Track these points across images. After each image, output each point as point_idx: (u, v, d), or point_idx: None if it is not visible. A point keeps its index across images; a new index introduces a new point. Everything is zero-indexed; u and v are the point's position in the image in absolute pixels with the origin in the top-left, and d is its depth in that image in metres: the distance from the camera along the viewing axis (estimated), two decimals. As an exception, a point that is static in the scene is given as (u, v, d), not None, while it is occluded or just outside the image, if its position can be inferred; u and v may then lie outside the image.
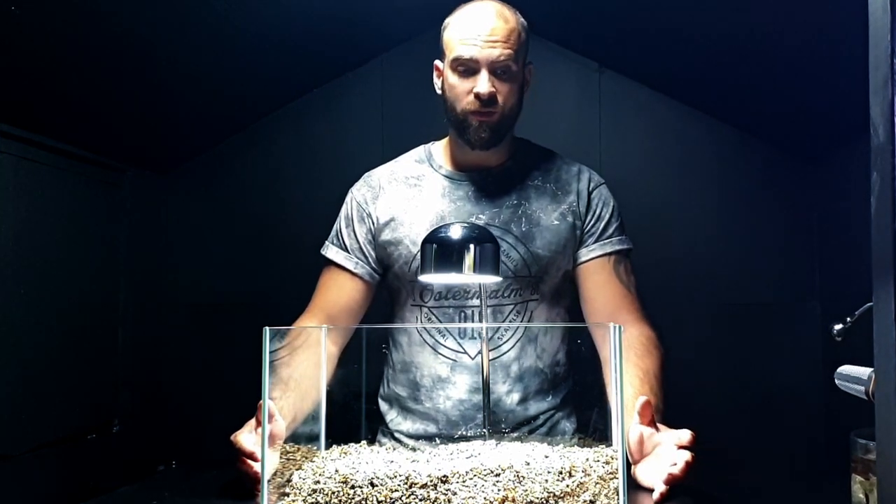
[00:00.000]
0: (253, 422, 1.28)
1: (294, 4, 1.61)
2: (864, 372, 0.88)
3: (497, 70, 1.46)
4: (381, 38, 1.98)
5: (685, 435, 1.21)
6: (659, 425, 1.27)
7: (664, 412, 1.38)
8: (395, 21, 1.87)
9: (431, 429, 1.54)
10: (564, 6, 1.83)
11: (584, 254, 1.55)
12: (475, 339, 1.52)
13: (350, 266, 1.59)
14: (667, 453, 1.21)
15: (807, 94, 1.63)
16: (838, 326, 1.06)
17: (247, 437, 1.25)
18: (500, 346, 1.53)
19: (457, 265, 1.23)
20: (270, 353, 1.15)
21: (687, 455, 1.18)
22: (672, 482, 1.16)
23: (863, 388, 0.88)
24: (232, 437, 1.27)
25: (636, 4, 1.65)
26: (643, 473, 1.24)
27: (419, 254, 1.52)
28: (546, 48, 1.97)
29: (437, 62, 1.55)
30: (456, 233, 1.25)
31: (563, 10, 1.84)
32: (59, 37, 1.33)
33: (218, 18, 1.52)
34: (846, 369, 0.93)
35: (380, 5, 1.76)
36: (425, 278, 1.32)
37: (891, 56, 0.64)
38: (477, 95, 1.45)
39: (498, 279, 1.37)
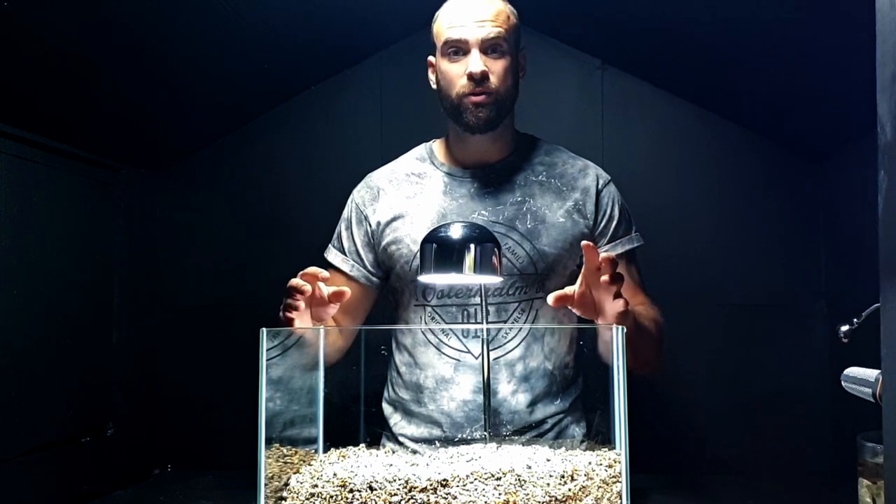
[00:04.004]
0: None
1: (291, 1, 1.60)
2: (871, 374, 0.88)
3: (488, 49, 1.46)
4: (379, 34, 1.96)
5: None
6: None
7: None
8: (393, 18, 1.86)
9: (436, 432, 1.52)
10: (567, 3, 1.81)
11: None
12: (479, 337, 1.51)
13: (346, 269, 1.60)
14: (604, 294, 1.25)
15: (813, 91, 1.61)
16: (845, 328, 1.05)
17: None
18: (504, 344, 1.51)
19: (457, 265, 1.22)
20: (268, 354, 1.14)
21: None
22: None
23: (870, 391, 0.87)
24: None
25: (639, 1, 1.63)
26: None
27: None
28: (548, 45, 1.96)
29: (430, 57, 1.55)
30: (456, 232, 1.24)
31: (566, 7, 1.83)
32: (52, 34, 1.32)
33: (214, 16, 1.51)
34: (853, 371, 0.92)
35: (378, 2, 1.75)
36: (425, 279, 1.31)
37: (899, 52, 0.63)
38: (470, 75, 1.45)
39: (499, 280, 1.36)
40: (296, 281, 1.31)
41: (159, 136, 1.89)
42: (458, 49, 1.46)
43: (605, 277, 1.21)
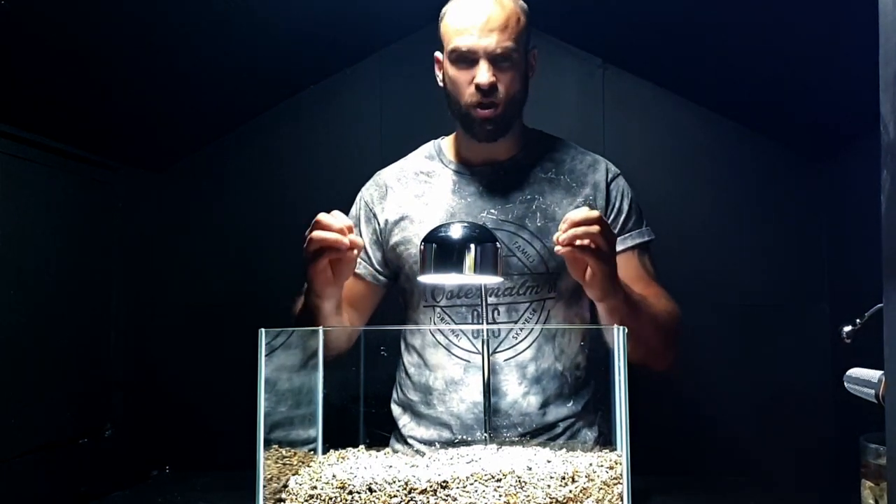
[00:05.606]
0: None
1: (291, 1, 1.59)
2: (873, 375, 0.87)
3: (497, 59, 1.42)
4: (378, 33, 1.96)
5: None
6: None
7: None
8: (392, 16, 1.86)
9: (445, 434, 1.50)
10: (568, 2, 1.81)
11: None
12: (488, 337, 1.50)
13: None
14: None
15: (815, 90, 1.61)
16: (847, 328, 1.04)
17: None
18: (515, 345, 1.49)
19: (457, 266, 1.21)
20: (266, 353, 1.13)
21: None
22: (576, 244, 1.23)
23: (873, 392, 0.86)
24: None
25: (639, 0, 1.63)
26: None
27: None
28: (549, 44, 1.95)
29: (438, 53, 1.52)
30: (456, 232, 1.23)
31: (566, 6, 1.83)
32: (49, 32, 1.32)
33: (213, 14, 1.51)
34: (855, 372, 0.91)
35: (377, 2, 1.75)
36: (424, 279, 1.30)
37: (901, 51, 0.63)
38: (477, 86, 1.42)
39: (499, 280, 1.35)
40: (325, 215, 1.30)
41: (159, 136, 1.89)
42: (465, 58, 1.43)
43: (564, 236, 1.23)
